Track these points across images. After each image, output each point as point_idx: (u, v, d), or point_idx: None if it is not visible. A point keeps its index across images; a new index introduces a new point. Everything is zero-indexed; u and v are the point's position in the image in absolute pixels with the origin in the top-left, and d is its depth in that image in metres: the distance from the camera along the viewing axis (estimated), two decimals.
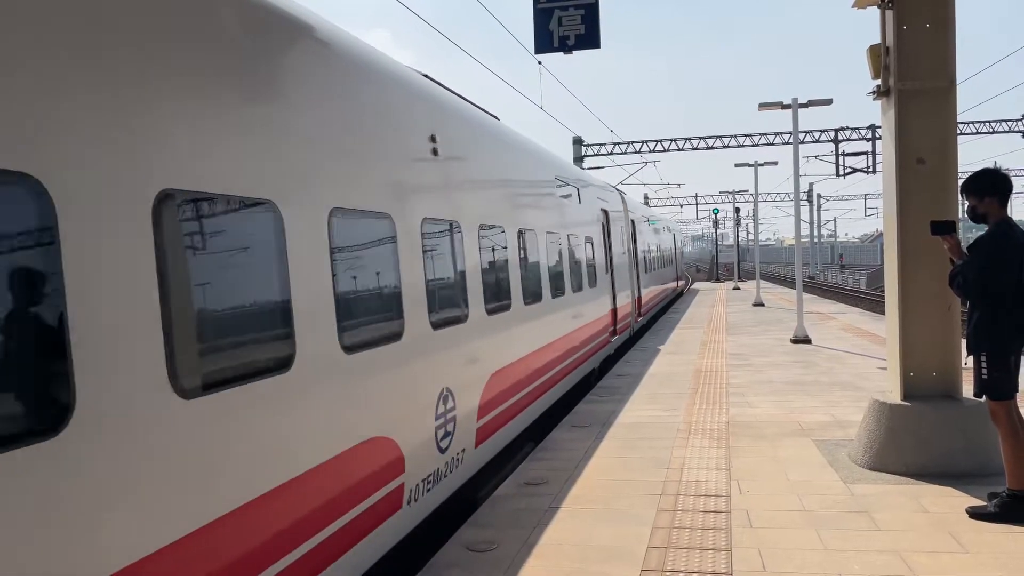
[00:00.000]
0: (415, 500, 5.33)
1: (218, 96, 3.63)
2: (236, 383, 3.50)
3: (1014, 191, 6.25)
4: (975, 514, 5.49)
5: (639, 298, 19.48)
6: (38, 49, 2.69)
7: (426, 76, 6.86)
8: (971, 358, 5.59)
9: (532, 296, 8.94)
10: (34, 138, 2.64)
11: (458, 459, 6.23)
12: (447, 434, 5.98)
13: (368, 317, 4.90)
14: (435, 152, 6.20)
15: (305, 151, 4.27)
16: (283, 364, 3.84)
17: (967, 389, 6.96)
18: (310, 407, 4.08)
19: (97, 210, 2.85)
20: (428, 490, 5.60)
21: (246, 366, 3.63)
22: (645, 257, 21.90)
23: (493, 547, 5.28)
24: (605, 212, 15.37)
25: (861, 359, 13.52)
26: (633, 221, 19.66)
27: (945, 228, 5.82)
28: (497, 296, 7.57)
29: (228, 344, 3.62)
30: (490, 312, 7.24)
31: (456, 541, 5.45)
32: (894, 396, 6.88)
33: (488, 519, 5.90)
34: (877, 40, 7.06)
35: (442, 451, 5.87)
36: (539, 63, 15.35)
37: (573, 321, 11.25)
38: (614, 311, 15.26)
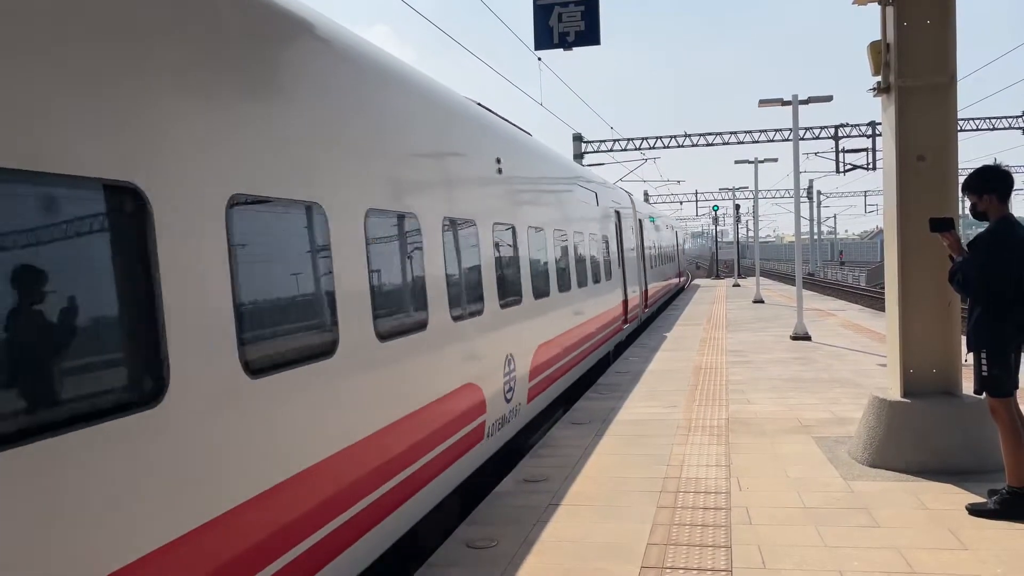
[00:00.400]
0: (491, 435, 7.24)
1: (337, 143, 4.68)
2: (395, 337, 5.21)
3: (1015, 188, 6.23)
4: (975, 511, 5.49)
5: (646, 291, 20.88)
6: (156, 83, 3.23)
7: (482, 106, 8.56)
8: (971, 355, 5.59)
9: (564, 286, 10.89)
10: (139, 154, 3.11)
11: (516, 410, 8.15)
12: (511, 388, 7.94)
13: (466, 298, 6.83)
14: (500, 171, 8.20)
15: (428, 175, 6.30)
16: (422, 325, 5.73)
17: (967, 386, 6.96)
18: (436, 358, 5.99)
19: (184, 213, 3.28)
20: (499, 429, 7.50)
21: (404, 327, 5.40)
22: (651, 253, 23.40)
23: (493, 544, 5.28)
24: (617, 213, 17.02)
25: (861, 356, 13.52)
26: (640, 220, 20.97)
27: (944, 225, 5.82)
28: (541, 285, 9.57)
29: (388, 312, 5.21)
30: (536, 297, 9.20)
31: (456, 539, 5.45)
32: (894, 393, 6.87)
33: (488, 516, 5.90)
34: (877, 36, 7.04)
35: (507, 401, 7.81)
36: (539, 59, 15.34)
37: (594, 308, 13.13)
38: (625, 302, 16.89)
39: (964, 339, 5.81)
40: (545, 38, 11.36)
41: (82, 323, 2.88)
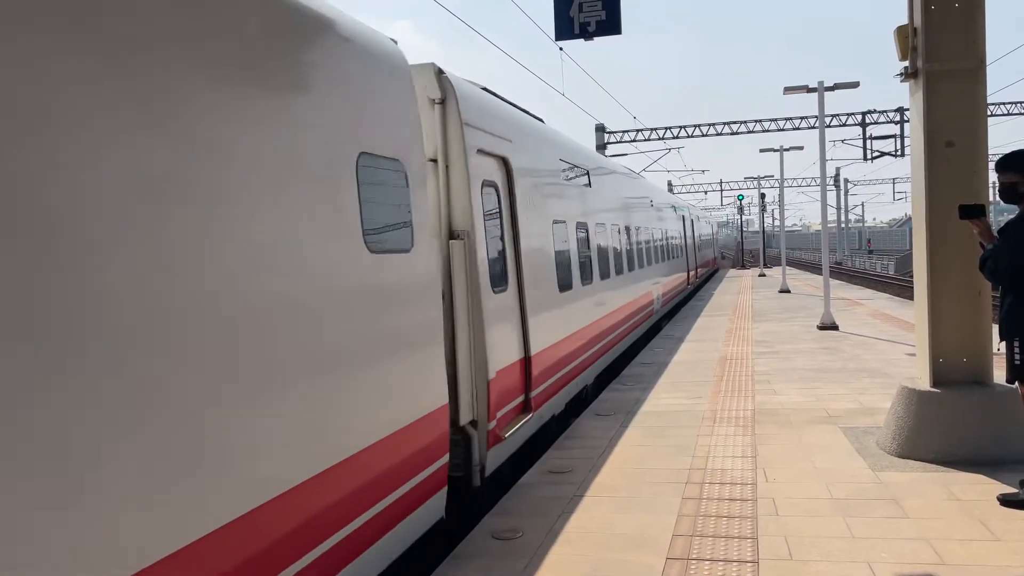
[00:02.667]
0: (656, 312, 17.05)
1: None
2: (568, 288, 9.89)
3: None
4: (1006, 501, 5.41)
5: (697, 267, 32.35)
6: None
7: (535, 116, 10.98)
8: (1003, 344, 5.50)
9: (665, 258, 20.75)
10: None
11: (658, 308, 17.15)
12: (658, 298, 16.46)
13: (632, 261, 14.67)
14: (651, 204, 18.76)
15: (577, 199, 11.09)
16: (569, 286, 9.61)
17: (999, 375, 6.86)
18: (569, 310, 9.50)
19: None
20: (650, 316, 16.47)
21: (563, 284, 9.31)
22: (696, 242, 32.21)
23: (518, 535, 5.30)
24: (683, 217, 27.62)
25: (889, 345, 13.36)
26: (692, 220, 31.44)
27: (974, 212, 5.73)
28: (659, 256, 19.34)
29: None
30: (660, 262, 18.84)
31: (481, 529, 5.48)
32: (923, 383, 6.79)
33: (513, 507, 5.92)
34: (904, 21, 6.93)
35: (658, 302, 16.57)
36: (560, 49, 15.27)
37: (680, 271, 24.69)
38: (688, 272, 27.62)
39: (996, 327, 5.71)
40: (566, 28, 11.31)
41: None
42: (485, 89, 7.72)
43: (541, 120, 10.08)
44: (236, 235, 3.33)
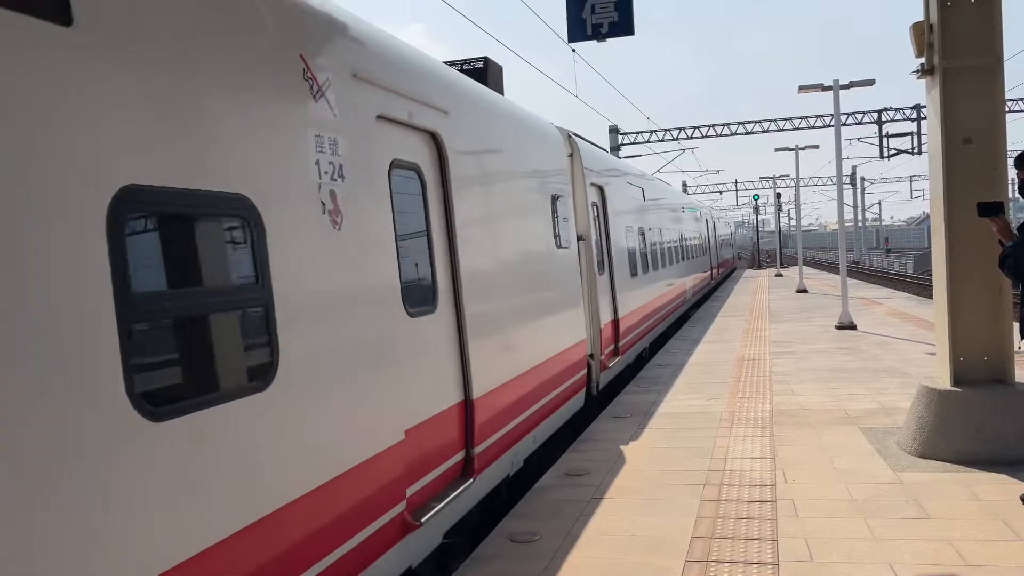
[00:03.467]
0: (692, 296, 22.90)
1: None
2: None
3: None
4: None
5: (718, 264, 36.52)
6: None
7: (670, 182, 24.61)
8: None
9: (694, 256, 24.97)
10: None
11: (703, 288, 27.12)
12: (695, 289, 24.61)
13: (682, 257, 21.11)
14: (698, 218, 28.05)
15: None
16: (636, 274, 12.99)
17: (1020, 374, 6.79)
18: (638, 290, 12.97)
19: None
20: (694, 293, 24.49)
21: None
22: (717, 242, 36.94)
23: (536, 538, 5.29)
24: (706, 220, 31.90)
25: (908, 345, 13.25)
26: (713, 223, 35.99)
27: (993, 209, 5.67)
28: (692, 254, 24.19)
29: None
30: (689, 259, 23.17)
31: (499, 532, 5.48)
32: (943, 382, 6.73)
33: (530, 510, 5.91)
34: (920, 17, 6.88)
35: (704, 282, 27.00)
36: (573, 51, 15.27)
37: (704, 267, 28.40)
38: (711, 267, 31.85)
39: (1017, 325, 5.64)
40: (579, 30, 11.31)
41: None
42: (590, 142, 11.88)
43: (621, 158, 19.11)
44: (528, 233, 7.49)
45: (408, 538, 4.55)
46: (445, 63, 6.64)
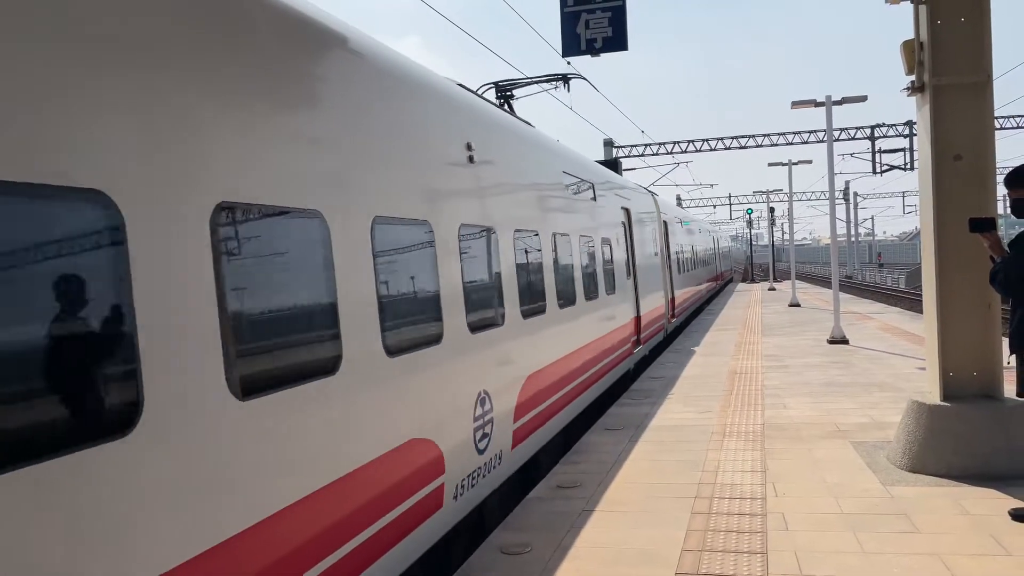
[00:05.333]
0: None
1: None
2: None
3: None
4: (1018, 516, 5.38)
5: (722, 272, 46.11)
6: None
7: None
8: (1014, 357, 5.48)
9: (702, 266, 31.34)
10: None
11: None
12: (706, 282, 32.57)
13: (693, 261, 27.94)
14: (715, 244, 40.51)
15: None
16: (659, 282, 18.25)
17: (1008, 389, 6.82)
18: (654, 294, 16.88)
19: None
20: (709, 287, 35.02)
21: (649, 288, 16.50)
22: (718, 254, 43.73)
23: (527, 550, 5.29)
24: (715, 239, 41.63)
25: (900, 359, 13.30)
26: (718, 239, 45.43)
27: (985, 225, 5.72)
28: (700, 263, 30.41)
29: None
30: (701, 267, 30.47)
31: (490, 544, 5.47)
32: (933, 397, 6.76)
33: (522, 522, 5.91)
34: (911, 35, 6.96)
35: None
36: (568, 64, 15.36)
37: (711, 275, 35.80)
38: (716, 275, 39.82)
39: (1006, 341, 5.68)
40: (573, 45, 11.39)
41: None
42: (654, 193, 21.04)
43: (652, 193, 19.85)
44: (647, 252, 16.12)
45: (638, 349, 13.98)
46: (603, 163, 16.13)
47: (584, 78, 13.75)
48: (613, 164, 17.98)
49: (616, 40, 11.14)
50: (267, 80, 3.70)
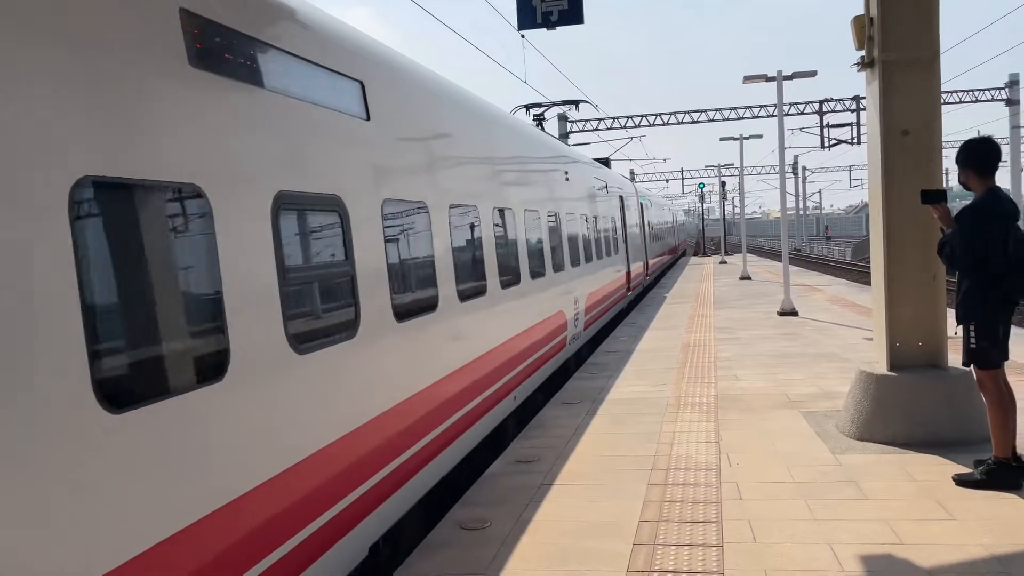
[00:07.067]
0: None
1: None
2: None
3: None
4: (961, 481, 5.56)
5: (679, 243, 51.24)
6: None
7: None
8: (960, 328, 5.63)
9: (668, 236, 40.19)
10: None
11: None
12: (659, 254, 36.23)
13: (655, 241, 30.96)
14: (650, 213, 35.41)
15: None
16: (643, 246, 25.31)
17: (953, 359, 7.03)
18: (638, 254, 23.41)
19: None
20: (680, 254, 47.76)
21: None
22: (676, 227, 49.36)
23: (486, 525, 5.31)
24: (673, 214, 47.86)
25: (847, 330, 13.62)
26: (675, 215, 50.10)
27: (935, 197, 5.83)
28: (666, 235, 38.73)
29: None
30: (654, 241, 30.37)
31: (449, 520, 5.48)
32: (880, 367, 6.93)
33: (480, 497, 5.93)
34: (861, 11, 7.03)
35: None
36: (523, 37, 15.24)
37: (670, 246, 41.38)
38: (673, 248, 44.64)
39: (953, 312, 5.84)
40: (528, 17, 11.27)
41: None
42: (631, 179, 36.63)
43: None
44: (635, 223, 23.04)
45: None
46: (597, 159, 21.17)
47: (589, 101, 21.79)
48: (605, 161, 22.77)
49: (572, 13, 11.05)
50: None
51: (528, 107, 18.90)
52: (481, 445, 7.16)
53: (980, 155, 5.62)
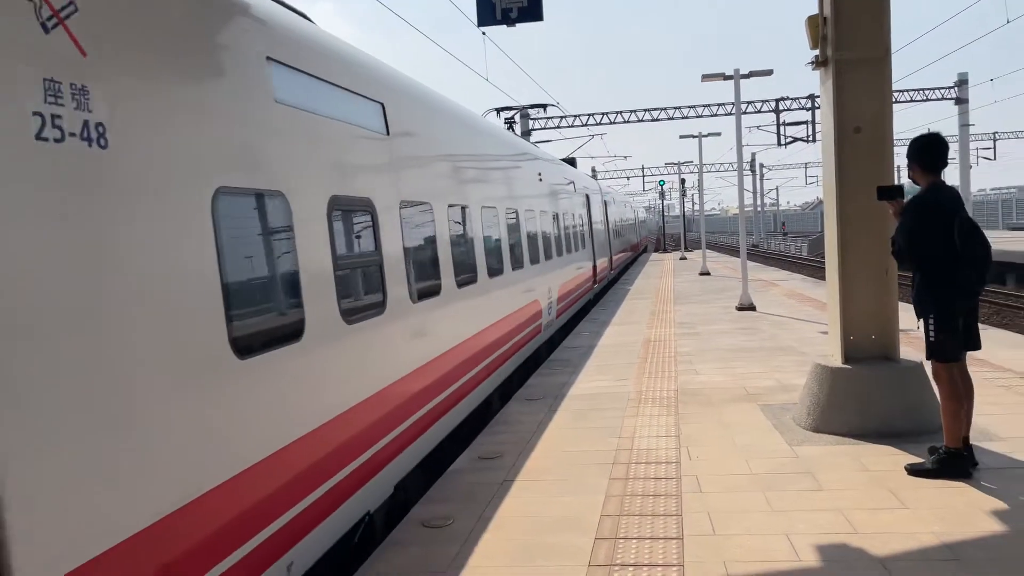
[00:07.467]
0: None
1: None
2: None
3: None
4: (913, 471, 5.69)
5: (640, 240, 52.64)
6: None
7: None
8: (921, 322, 5.74)
9: (630, 232, 41.62)
10: None
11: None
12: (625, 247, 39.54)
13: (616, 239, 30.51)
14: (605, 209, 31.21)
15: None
16: (608, 242, 26.72)
17: (905, 351, 7.20)
18: (604, 252, 24.92)
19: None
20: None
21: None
22: (637, 224, 50.62)
23: (449, 522, 5.30)
24: (635, 212, 50.30)
25: (803, 324, 13.86)
26: (636, 213, 51.21)
27: (892, 193, 5.95)
28: (628, 231, 39.91)
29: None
30: (617, 237, 31.76)
31: (411, 519, 5.46)
32: (835, 360, 7.07)
33: (443, 495, 5.92)
34: (815, 10, 7.15)
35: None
36: (483, 34, 15.21)
37: (633, 242, 43.88)
38: (636, 244, 47.54)
39: (911, 306, 5.93)
40: (488, 14, 11.25)
41: None
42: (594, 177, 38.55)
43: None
44: (599, 220, 24.39)
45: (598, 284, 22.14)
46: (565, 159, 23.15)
47: (558, 107, 24.44)
48: (571, 161, 23.56)
49: (531, 11, 11.06)
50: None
51: (499, 110, 22.04)
52: (448, 439, 7.20)
53: (925, 151, 5.74)
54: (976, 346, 5.68)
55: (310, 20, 5.63)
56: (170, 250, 3.37)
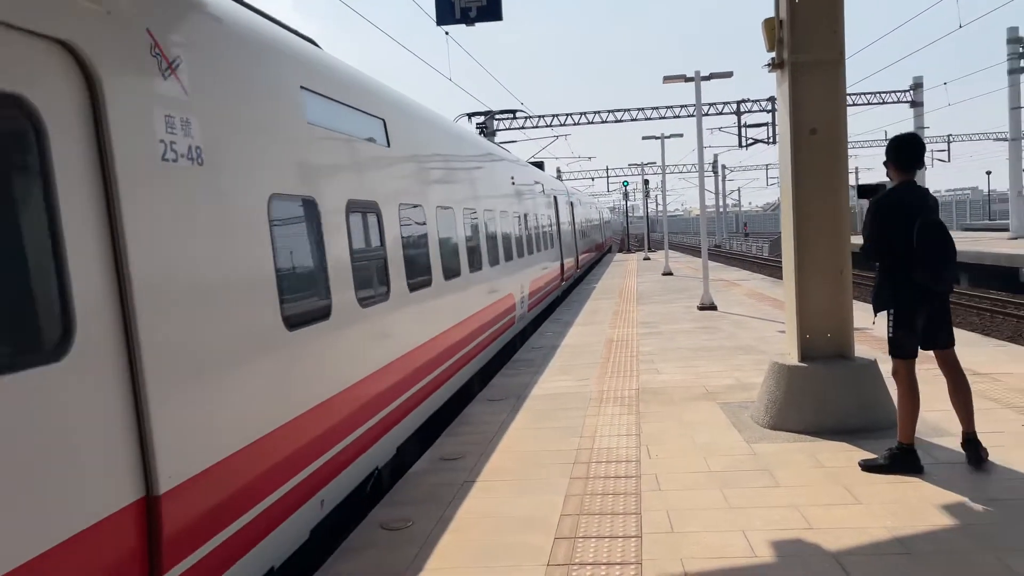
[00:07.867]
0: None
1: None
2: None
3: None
4: (867, 467, 5.79)
5: (605, 239, 53.16)
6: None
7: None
8: (877, 318, 5.83)
9: (595, 232, 43.06)
10: None
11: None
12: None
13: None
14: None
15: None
16: (574, 242, 27.49)
17: (860, 349, 7.33)
18: (572, 249, 26.72)
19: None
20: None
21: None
22: (602, 224, 51.64)
23: (408, 524, 5.27)
24: (601, 214, 52.68)
25: (763, 323, 14.04)
26: (602, 214, 52.80)
27: (871, 191, 6.05)
28: (594, 231, 41.50)
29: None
30: (583, 238, 32.29)
31: (371, 521, 5.42)
32: (792, 358, 7.17)
33: (403, 496, 5.88)
34: (772, 14, 7.25)
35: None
36: (446, 34, 15.16)
37: (598, 241, 45.37)
38: (600, 243, 47.59)
39: (869, 304, 6.01)
40: (447, 13, 11.21)
41: None
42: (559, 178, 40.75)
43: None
44: (567, 221, 25.64)
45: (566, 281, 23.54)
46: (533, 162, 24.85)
47: (524, 110, 27.79)
48: (539, 164, 25.00)
49: (491, 10, 11.03)
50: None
51: (471, 115, 23.43)
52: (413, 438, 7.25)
53: (900, 150, 5.81)
54: (935, 346, 5.73)
55: (318, 46, 6.52)
56: (247, 244, 4.34)
